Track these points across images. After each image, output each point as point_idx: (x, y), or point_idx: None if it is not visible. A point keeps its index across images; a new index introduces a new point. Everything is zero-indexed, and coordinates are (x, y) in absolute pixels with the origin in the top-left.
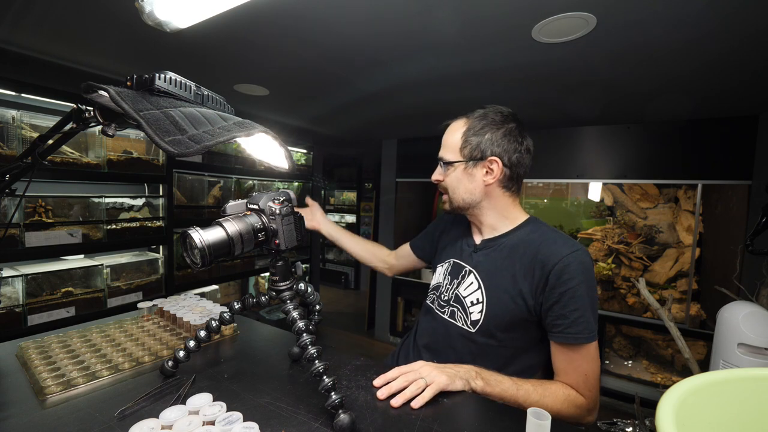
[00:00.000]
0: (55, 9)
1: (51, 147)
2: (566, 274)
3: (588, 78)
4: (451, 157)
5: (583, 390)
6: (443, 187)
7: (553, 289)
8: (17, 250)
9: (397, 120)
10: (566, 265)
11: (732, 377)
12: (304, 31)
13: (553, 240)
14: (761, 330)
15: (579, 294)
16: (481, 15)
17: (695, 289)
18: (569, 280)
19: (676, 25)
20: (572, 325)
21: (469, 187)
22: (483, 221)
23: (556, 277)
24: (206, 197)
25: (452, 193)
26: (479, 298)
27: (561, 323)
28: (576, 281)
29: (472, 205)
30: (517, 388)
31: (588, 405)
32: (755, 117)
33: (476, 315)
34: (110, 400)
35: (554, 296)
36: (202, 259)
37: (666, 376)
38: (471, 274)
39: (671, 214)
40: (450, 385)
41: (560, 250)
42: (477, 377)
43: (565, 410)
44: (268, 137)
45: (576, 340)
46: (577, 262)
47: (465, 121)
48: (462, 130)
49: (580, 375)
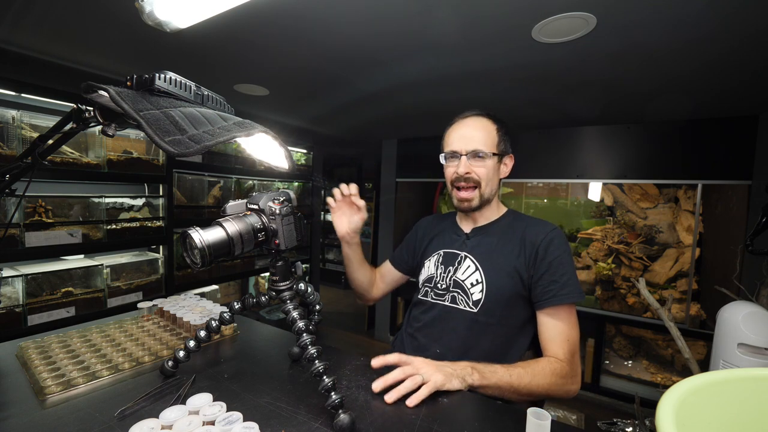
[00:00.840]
0: (55, 9)
1: (51, 147)
2: (552, 246)
3: (588, 78)
4: (490, 150)
5: (566, 356)
6: (474, 179)
7: (542, 260)
8: (17, 250)
9: (397, 120)
10: (551, 240)
11: (732, 377)
12: (304, 31)
13: (534, 223)
14: (761, 330)
15: (564, 261)
16: (481, 15)
17: (695, 289)
18: (555, 251)
19: (676, 25)
20: (564, 287)
21: (495, 180)
22: (483, 213)
23: (544, 249)
24: (206, 197)
25: (485, 185)
26: (478, 278)
27: (553, 288)
28: (560, 251)
29: (491, 199)
30: (510, 374)
31: (571, 373)
32: (755, 117)
33: (477, 295)
34: (110, 400)
35: (544, 266)
36: (202, 259)
37: (666, 376)
38: (467, 258)
39: (671, 214)
40: (446, 384)
41: (543, 229)
42: (473, 372)
43: (553, 384)
44: (268, 137)
45: (569, 299)
46: (558, 237)
47: (488, 119)
48: (494, 127)
49: (564, 341)
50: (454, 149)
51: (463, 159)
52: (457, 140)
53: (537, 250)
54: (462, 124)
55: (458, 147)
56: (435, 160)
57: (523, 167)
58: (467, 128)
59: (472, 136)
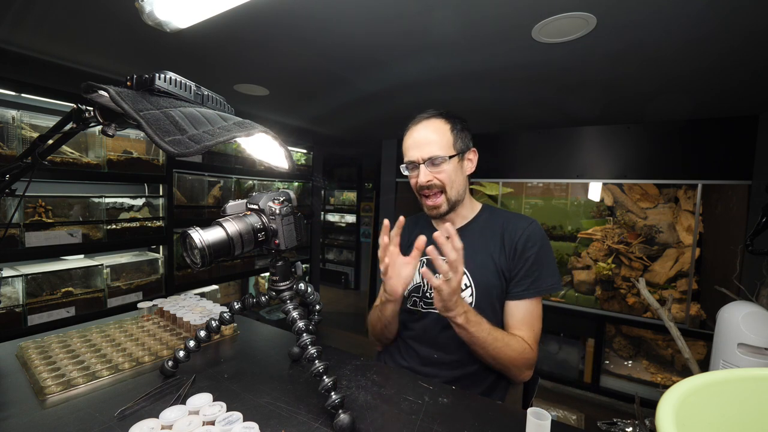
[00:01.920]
0: (55, 9)
1: (51, 147)
2: (530, 242)
3: (588, 78)
4: (446, 152)
5: (531, 342)
6: (437, 185)
7: (520, 257)
8: (17, 250)
9: (397, 120)
10: (529, 235)
11: (732, 377)
12: (304, 31)
13: (513, 217)
14: (761, 330)
15: (542, 254)
16: (481, 15)
17: (695, 289)
18: (533, 246)
19: (676, 25)
20: (534, 282)
21: (460, 180)
22: (459, 212)
23: (522, 244)
24: (206, 197)
25: (450, 188)
26: (466, 282)
27: (525, 282)
28: (537, 246)
29: (462, 198)
30: (488, 333)
31: (532, 359)
32: (755, 117)
33: (468, 299)
34: (110, 400)
35: (521, 262)
36: (202, 259)
37: (666, 376)
38: None
39: (671, 214)
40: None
41: (520, 223)
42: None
43: (514, 361)
44: (268, 137)
45: (536, 293)
46: (534, 232)
47: (439, 120)
48: (447, 127)
49: (529, 330)
50: (410, 159)
51: (422, 168)
52: (412, 148)
53: (515, 247)
54: (414, 131)
55: (414, 156)
56: None
57: (523, 167)
58: (419, 135)
59: (426, 141)
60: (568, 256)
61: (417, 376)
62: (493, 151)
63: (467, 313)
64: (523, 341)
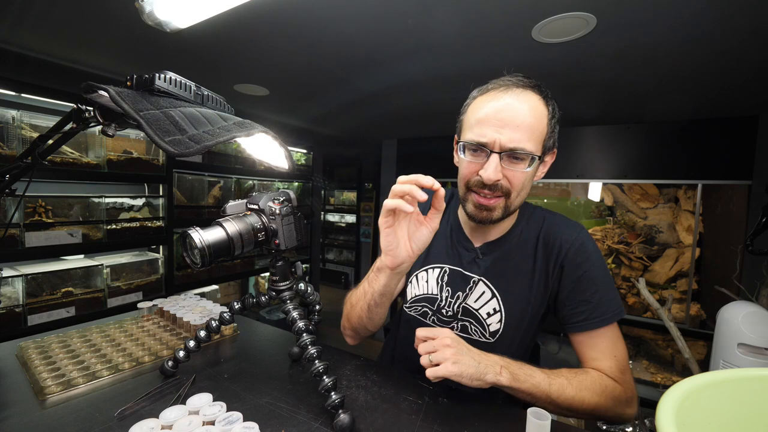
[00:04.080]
0: (55, 9)
1: (51, 147)
2: (580, 257)
3: (588, 78)
4: (536, 148)
5: (616, 375)
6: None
7: (568, 276)
8: (17, 250)
9: (397, 120)
10: (579, 248)
11: (732, 377)
12: (304, 30)
13: (555, 223)
14: (761, 330)
15: (595, 275)
16: (480, 15)
17: (695, 289)
18: (584, 263)
19: (676, 25)
20: (596, 308)
21: (528, 188)
22: (502, 223)
23: (571, 261)
24: (206, 197)
25: (517, 195)
26: (496, 307)
27: (584, 309)
28: (590, 262)
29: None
30: (550, 383)
31: (626, 394)
32: (755, 117)
33: (495, 325)
34: (110, 400)
35: (570, 283)
36: (202, 259)
37: (666, 376)
38: (480, 282)
39: (671, 214)
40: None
41: (568, 233)
42: (502, 371)
43: (603, 404)
44: (268, 137)
45: (603, 322)
46: (585, 243)
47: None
48: (545, 113)
49: (610, 359)
50: (482, 141)
51: (493, 158)
52: (488, 124)
53: (562, 263)
54: (496, 97)
55: (491, 138)
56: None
57: None
58: (507, 107)
59: (515, 123)
60: None
61: (417, 374)
62: None
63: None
64: (604, 376)
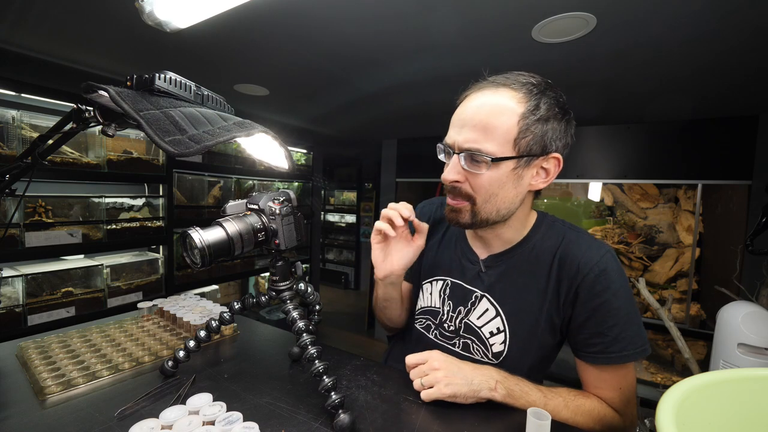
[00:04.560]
0: (55, 9)
1: (51, 147)
2: (600, 284)
3: (588, 78)
4: (499, 149)
5: (618, 405)
6: (463, 193)
7: (584, 304)
8: (17, 250)
9: (397, 120)
10: (599, 274)
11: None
12: (304, 30)
13: (576, 242)
14: (761, 330)
15: (617, 305)
16: (481, 15)
17: (695, 289)
18: (604, 291)
19: (676, 25)
20: (614, 342)
21: (512, 194)
22: (501, 234)
23: (588, 288)
24: (206, 197)
25: (484, 201)
26: (500, 327)
27: (599, 342)
28: (611, 291)
29: (505, 219)
30: (546, 402)
31: (624, 425)
32: (755, 117)
33: (499, 346)
34: (110, 400)
35: (587, 311)
36: (202, 259)
37: (666, 376)
38: (484, 299)
39: (671, 214)
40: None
41: (589, 255)
42: (497, 386)
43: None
44: (268, 137)
45: (620, 360)
46: (609, 270)
47: (515, 94)
48: (517, 110)
49: (615, 390)
50: (447, 142)
51: (453, 159)
52: (454, 125)
53: (577, 289)
54: (469, 98)
55: (451, 139)
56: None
57: None
58: (471, 107)
59: (474, 122)
60: None
61: None
62: None
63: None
64: (605, 405)
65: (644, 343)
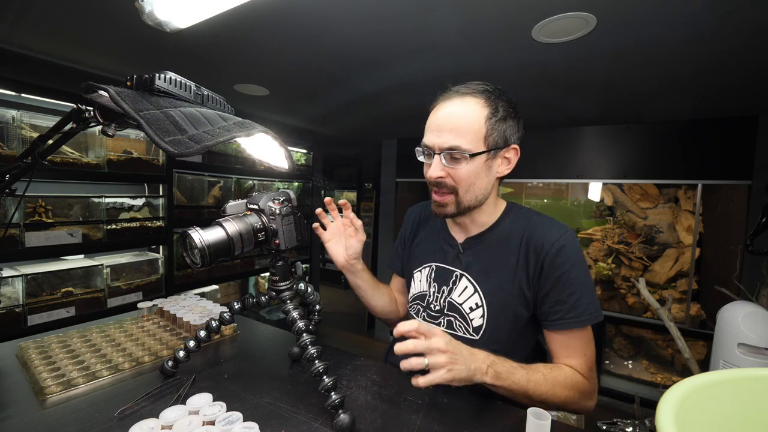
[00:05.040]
0: (55, 9)
1: (51, 147)
2: (560, 258)
3: (588, 78)
4: (474, 146)
5: (585, 371)
6: (448, 185)
7: (548, 276)
8: (17, 250)
9: (397, 120)
10: (559, 249)
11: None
12: (304, 30)
13: (541, 224)
14: (761, 330)
15: (573, 276)
16: (481, 15)
17: (695, 289)
18: (563, 264)
19: (676, 25)
20: (571, 309)
21: (485, 182)
22: (476, 218)
23: (550, 262)
24: (206, 197)
25: (465, 191)
26: (478, 302)
27: (559, 309)
28: (569, 264)
29: (480, 204)
30: (528, 379)
31: (590, 388)
32: (755, 117)
33: (478, 321)
34: (110, 400)
35: (549, 283)
36: (202, 259)
37: (666, 376)
38: (463, 278)
39: (671, 214)
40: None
41: (550, 233)
42: (488, 371)
43: (571, 398)
44: (268, 137)
45: (577, 324)
46: (568, 245)
47: (479, 101)
48: (483, 113)
49: (580, 357)
50: (426, 143)
51: (435, 159)
52: (431, 131)
53: (542, 263)
54: (440, 107)
55: (431, 141)
56: None
57: (523, 167)
58: (445, 115)
59: (449, 126)
60: None
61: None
62: None
63: (492, 365)
64: (574, 372)
65: (597, 310)
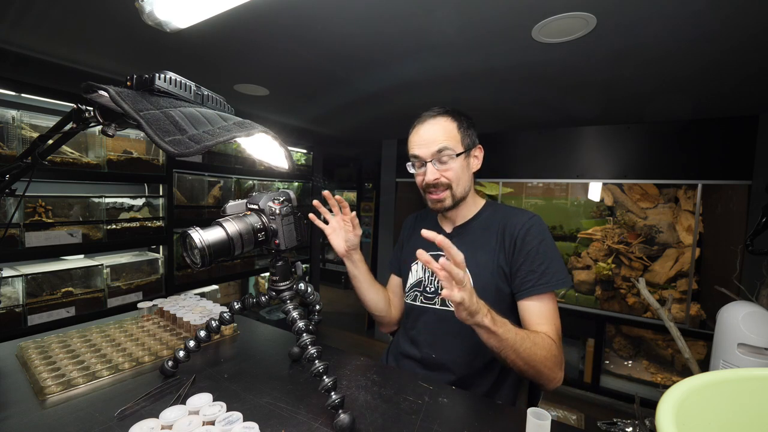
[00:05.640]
0: (55, 9)
1: (51, 147)
2: (529, 236)
3: (588, 78)
4: (454, 150)
5: (554, 337)
6: (444, 183)
7: (520, 252)
8: (17, 250)
9: (397, 120)
10: (528, 229)
11: (732, 377)
12: (304, 30)
13: (514, 213)
14: (761, 330)
15: (542, 250)
16: (481, 15)
17: (695, 289)
18: (531, 240)
19: (676, 25)
20: (542, 276)
21: (467, 177)
22: (460, 210)
23: (521, 240)
24: (206, 197)
25: (457, 185)
26: None
27: (532, 278)
28: (537, 240)
29: (466, 196)
30: (515, 332)
31: (560, 357)
32: (755, 117)
33: None
34: (110, 400)
35: (522, 257)
36: (202, 259)
37: (666, 376)
38: None
39: (671, 214)
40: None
41: (521, 218)
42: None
43: (548, 358)
44: (268, 137)
45: (547, 288)
46: (535, 226)
47: (446, 117)
48: (454, 125)
49: (550, 324)
50: (417, 154)
51: (428, 166)
52: (419, 146)
53: (515, 242)
54: (420, 128)
55: (421, 153)
56: None
57: (523, 167)
58: (426, 132)
59: (433, 139)
60: (568, 256)
61: (417, 374)
62: (493, 151)
63: (490, 311)
64: (548, 337)
65: (566, 276)
